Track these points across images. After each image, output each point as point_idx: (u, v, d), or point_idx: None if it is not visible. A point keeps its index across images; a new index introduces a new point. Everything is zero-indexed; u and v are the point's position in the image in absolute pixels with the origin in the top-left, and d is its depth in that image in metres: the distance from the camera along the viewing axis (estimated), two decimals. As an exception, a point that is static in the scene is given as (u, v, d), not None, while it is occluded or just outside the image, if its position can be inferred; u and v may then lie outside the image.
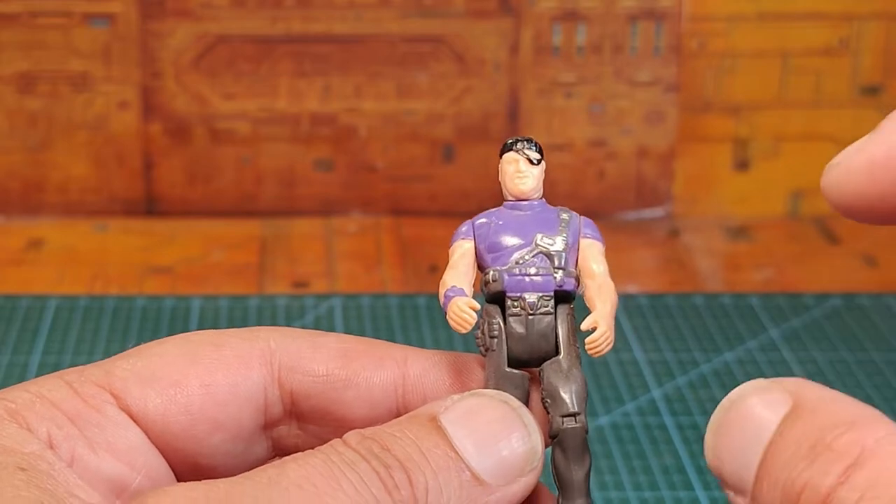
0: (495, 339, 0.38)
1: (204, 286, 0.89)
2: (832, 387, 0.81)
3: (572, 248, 0.39)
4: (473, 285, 0.39)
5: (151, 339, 0.81)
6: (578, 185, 0.98)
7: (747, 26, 0.97)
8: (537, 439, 0.37)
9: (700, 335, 0.84)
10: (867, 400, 0.37)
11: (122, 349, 0.86)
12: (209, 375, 0.39)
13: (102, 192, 0.97)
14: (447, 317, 0.38)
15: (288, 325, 0.84)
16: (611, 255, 0.40)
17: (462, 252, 0.40)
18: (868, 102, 0.99)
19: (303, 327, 0.87)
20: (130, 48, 0.95)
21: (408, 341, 0.83)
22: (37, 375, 0.78)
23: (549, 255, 0.39)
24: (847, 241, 0.96)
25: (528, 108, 0.97)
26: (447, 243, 0.41)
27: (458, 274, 0.39)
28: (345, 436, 0.36)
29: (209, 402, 0.39)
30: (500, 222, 0.39)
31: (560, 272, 0.39)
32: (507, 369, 0.38)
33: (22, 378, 0.78)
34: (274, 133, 0.97)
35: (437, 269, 0.91)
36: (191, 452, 0.39)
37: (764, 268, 0.93)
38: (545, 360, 0.39)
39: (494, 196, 0.42)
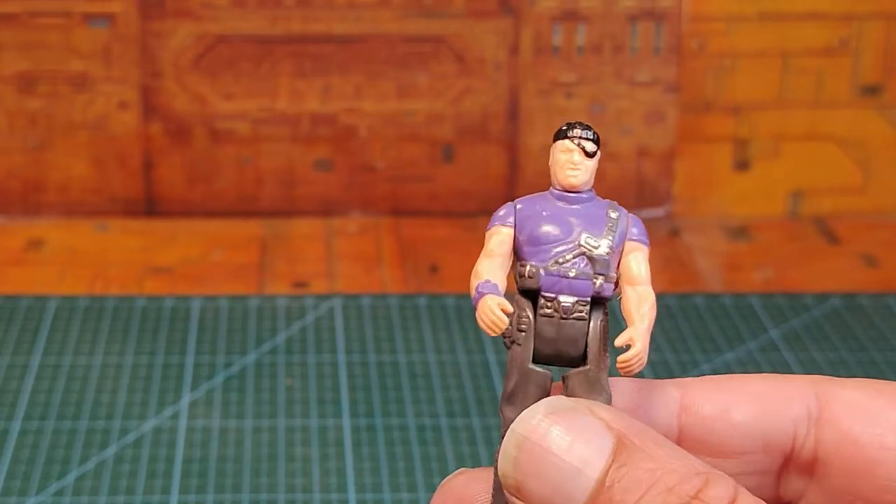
0: (522, 333, 0.36)
1: (204, 286, 0.89)
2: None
3: (616, 250, 0.37)
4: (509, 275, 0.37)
5: (151, 340, 0.81)
6: (578, 185, 0.98)
7: (747, 26, 0.97)
8: None
9: (700, 335, 0.84)
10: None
11: (123, 349, 0.87)
12: None
13: (102, 192, 0.97)
14: (476, 315, 0.36)
15: (288, 326, 0.84)
16: (611, 256, 0.39)
17: (500, 239, 0.37)
18: (868, 102, 0.99)
19: (303, 328, 0.88)
20: (130, 48, 0.95)
21: (408, 342, 0.83)
22: (37, 376, 0.78)
23: (591, 259, 0.36)
24: (847, 241, 0.96)
25: (528, 108, 0.97)
26: (447, 243, 0.39)
27: (494, 265, 0.36)
28: None
29: None
30: (545, 213, 0.37)
31: (600, 278, 0.36)
32: (531, 366, 0.36)
33: (22, 378, 0.78)
34: (274, 133, 0.97)
35: (437, 269, 0.91)
36: None
37: (764, 268, 0.93)
38: (571, 364, 0.37)
39: (495, 196, 0.41)
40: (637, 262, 0.37)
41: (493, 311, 0.35)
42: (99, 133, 0.96)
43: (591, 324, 0.36)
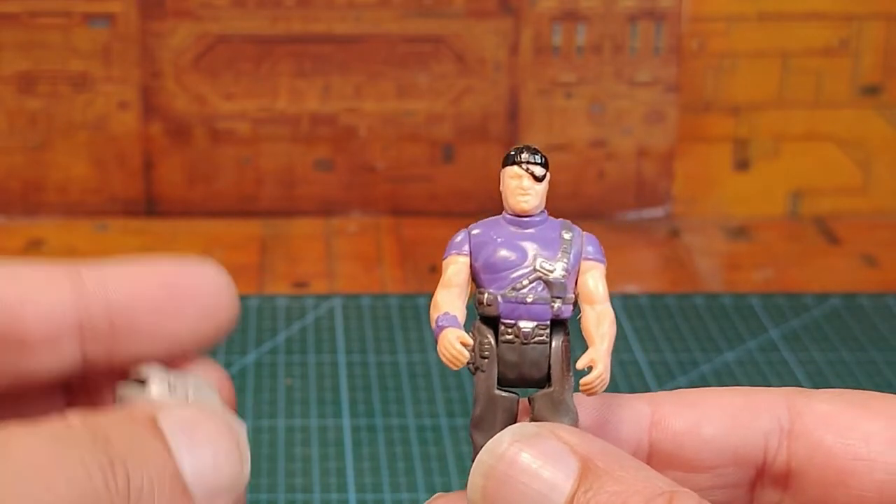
0: (486, 360, 0.37)
1: (204, 286, 0.89)
2: (831, 386, 0.81)
3: (572, 272, 0.37)
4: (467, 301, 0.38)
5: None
6: (578, 185, 0.98)
7: (747, 26, 0.97)
8: (247, 466, 0.36)
9: (700, 335, 0.84)
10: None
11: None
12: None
13: (102, 192, 0.97)
14: (437, 349, 0.37)
15: (288, 326, 0.84)
16: (611, 255, 0.39)
17: (457, 268, 0.38)
18: (868, 102, 0.99)
19: (303, 328, 0.88)
20: (130, 48, 0.95)
21: (408, 341, 0.83)
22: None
23: (547, 283, 0.37)
24: (847, 241, 0.96)
25: (528, 108, 0.97)
26: (447, 243, 0.39)
27: (452, 295, 0.38)
28: (69, 416, 0.35)
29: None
30: (500, 240, 0.38)
31: (558, 301, 0.37)
32: (497, 391, 0.37)
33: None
34: (274, 133, 0.97)
35: (437, 269, 0.91)
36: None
37: (764, 268, 0.93)
38: (536, 386, 0.37)
39: (494, 197, 0.41)
40: (594, 281, 0.37)
41: (454, 346, 0.36)
42: (99, 133, 0.96)
43: (553, 346, 0.37)
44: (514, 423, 0.37)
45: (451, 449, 0.73)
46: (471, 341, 0.37)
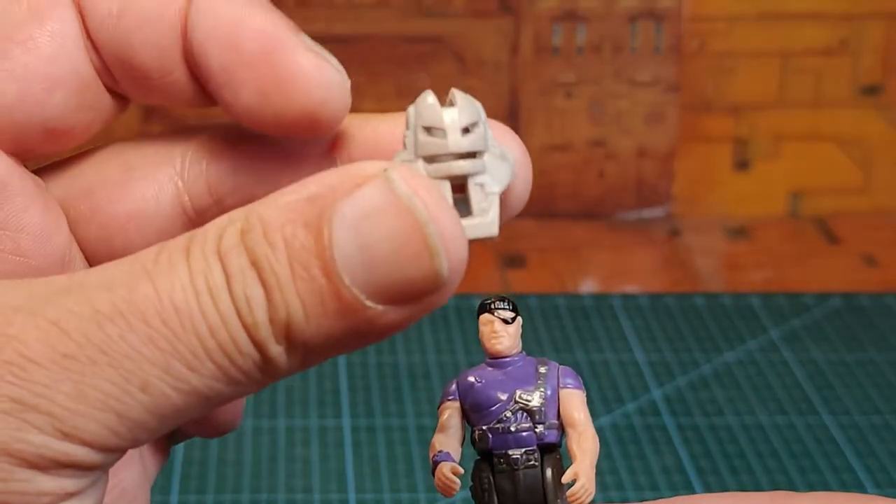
0: (486, 493, 0.40)
1: (204, 286, 0.89)
2: (832, 386, 0.81)
3: (551, 400, 0.41)
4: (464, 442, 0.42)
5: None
6: (578, 185, 0.98)
7: (747, 26, 0.97)
8: (441, 261, 0.33)
9: (700, 335, 0.84)
10: (867, 400, 0.38)
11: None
12: (23, 31, 0.37)
13: (102, 192, 0.97)
14: (435, 483, 0.40)
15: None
16: (611, 255, 0.40)
17: (449, 413, 0.41)
18: (868, 102, 0.99)
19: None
20: (130, 48, 0.95)
21: (407, 341, 0.83)
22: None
23: (528, 412, 0.40)
24: (847, 241, 0.96)
25: (528, 108, 0.97)
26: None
27: (447, 437, 0.41)
28: (221, 231, 0.32)
29: (36, 60, 0.37)
30: (483, 381, 0.41)
31: (540, 426, 0.40)
32: None
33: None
34: (274, 133, 0.97)
35: (437, 269, 0.91)
36: (38, 120, 0.37)
37: (764, 268, 0.93)
38: None
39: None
40: (575, 409, 0.41)
41: (447, 476, 0.40)
42: (98, 134, 0.96)
43: (545, 471, 0.41)
44: None
45: (451, 449, 0.73)
46: (461, 470, 0.40)
